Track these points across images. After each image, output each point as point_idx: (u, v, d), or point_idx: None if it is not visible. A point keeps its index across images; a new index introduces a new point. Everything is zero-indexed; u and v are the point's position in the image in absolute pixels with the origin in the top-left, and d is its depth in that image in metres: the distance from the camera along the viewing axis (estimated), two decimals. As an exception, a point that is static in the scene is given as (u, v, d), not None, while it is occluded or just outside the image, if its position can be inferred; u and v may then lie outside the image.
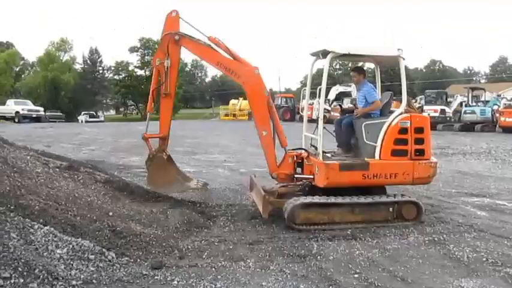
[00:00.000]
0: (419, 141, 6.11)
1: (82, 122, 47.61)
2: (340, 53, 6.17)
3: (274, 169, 6.41)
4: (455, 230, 5.83)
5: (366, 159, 6.03)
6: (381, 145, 6.02)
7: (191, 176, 7.69)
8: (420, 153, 6.10)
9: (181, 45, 6.23)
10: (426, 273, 4.43)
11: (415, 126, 6.08)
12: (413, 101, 35.59)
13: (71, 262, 4.03)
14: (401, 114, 6.11)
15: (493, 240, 5.42)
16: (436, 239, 5.47)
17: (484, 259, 4.80)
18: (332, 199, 5.85)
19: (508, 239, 5.48)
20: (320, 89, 6.25)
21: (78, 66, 67.71)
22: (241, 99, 47.29)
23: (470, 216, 6.57)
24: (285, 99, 41.40)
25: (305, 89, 7.29)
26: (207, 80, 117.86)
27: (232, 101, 47.51)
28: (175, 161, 7.05)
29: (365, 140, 6.18)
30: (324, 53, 6.21)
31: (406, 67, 6.54)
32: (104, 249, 4.38)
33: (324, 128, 6.27)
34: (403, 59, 6.24)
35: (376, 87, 6.87)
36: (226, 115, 46.52)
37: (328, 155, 6.49)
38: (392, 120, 6.05)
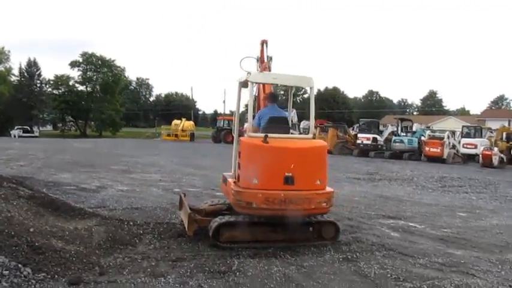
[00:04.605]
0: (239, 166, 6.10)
1: (15, 136, 45.29)
2: (241, 81, 6.56)
3: None
4: (367, 249, 6.29)
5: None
6: None
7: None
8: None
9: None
10: (335, 287, 4.79)
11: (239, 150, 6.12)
12: (350, 129, 37.55)
13: (-17, 277, 3.97)
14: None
15: (400, 258, 5.93)
16: (349, 256, 5.88)
17: (389, 275, 5.24)
18: (255, 218, 6.12)
19: (413, 257, 6.01)
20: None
21: (14, 78, 64.05)
22: (184, 119, 47.24)
23: (384, 236, 7.11)
24: (227, 122, 41.86)
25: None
26: (152, 99, 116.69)
27: (175, 121, 47.25)
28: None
29: None
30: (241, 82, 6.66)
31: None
32: (19, 265, 4.33)
33: None
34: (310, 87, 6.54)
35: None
36: (168, 135, 46.08)
37: None
38: None
